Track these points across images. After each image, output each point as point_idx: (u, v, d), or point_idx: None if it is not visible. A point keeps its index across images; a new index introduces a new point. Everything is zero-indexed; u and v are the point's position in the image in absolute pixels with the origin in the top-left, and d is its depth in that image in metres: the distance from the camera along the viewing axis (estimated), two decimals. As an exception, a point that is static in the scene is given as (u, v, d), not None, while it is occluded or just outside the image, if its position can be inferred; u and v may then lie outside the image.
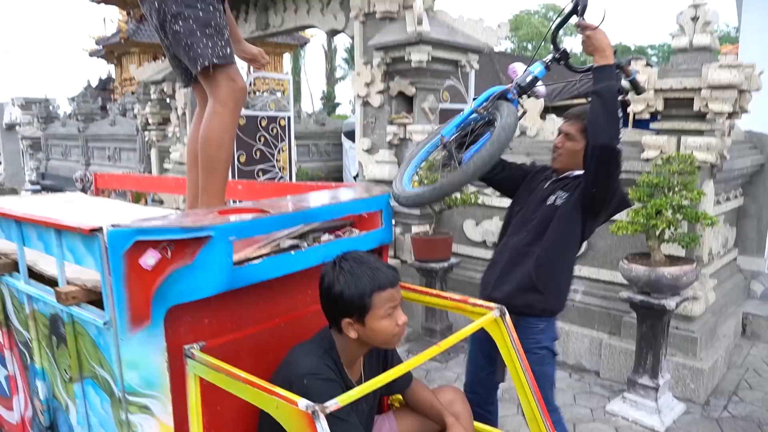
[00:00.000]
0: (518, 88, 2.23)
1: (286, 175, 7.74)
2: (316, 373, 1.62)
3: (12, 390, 2.34)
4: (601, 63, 2.14)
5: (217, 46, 1.97)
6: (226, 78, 2.01)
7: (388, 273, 1.67)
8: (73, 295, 1.62)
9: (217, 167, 2.09)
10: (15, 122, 17.48)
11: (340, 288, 1.62)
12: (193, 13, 1.94)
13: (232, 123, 2.07)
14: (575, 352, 4.38)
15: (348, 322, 1.66)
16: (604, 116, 2.13)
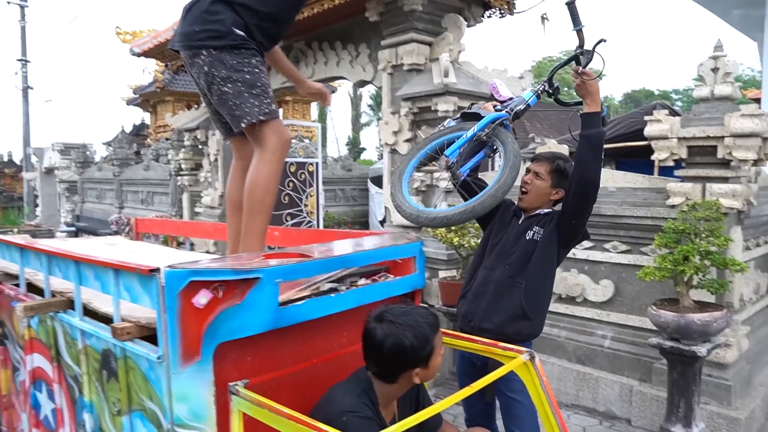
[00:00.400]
0: (513, 115, 2.45)
1: (314, 220, 7.91)
2: (355, 411, 1.69)
3: (58, 423, 2.44)
4: (591, 110, 2.37)
5: (263, 104, 2.12)
6: (273, 130, 2.16)
7: (433, 313, 1.81)
8: (128, 331, 1.73)
9: (262, 211, 2.20)
10: (54, 166, 18.15)
11: (410, 342, 1.71)
12: (241, 77, 2.10)
13: (279, 170, 2.20)
14: (605, 399, 4.33)
15: (416, 372, 1.76)
16: (592, 156, 2.38)
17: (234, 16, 2.10)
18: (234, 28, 2.09)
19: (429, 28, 5.55)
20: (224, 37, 2.09)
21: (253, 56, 2.14)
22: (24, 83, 20.37)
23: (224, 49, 2.09)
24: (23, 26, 20.36)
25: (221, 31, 2.08)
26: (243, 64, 2.11)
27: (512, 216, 2.69)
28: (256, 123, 2.11)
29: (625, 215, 4.26)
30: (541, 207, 2.62)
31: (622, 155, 9.70)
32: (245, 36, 2.11)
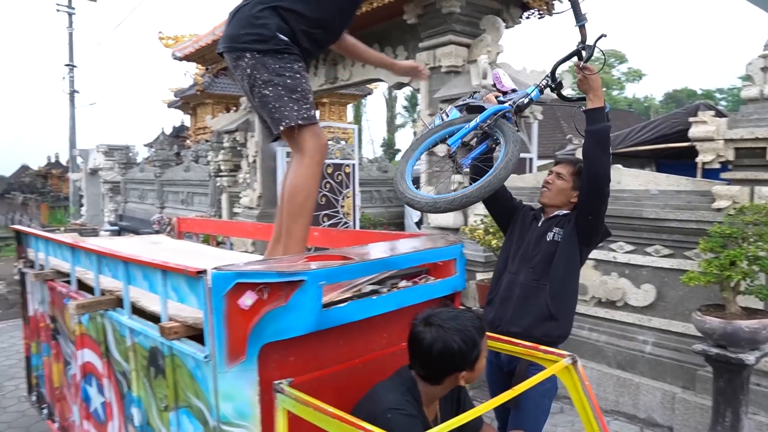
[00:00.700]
0: (516, 108, 2.44)
1: (350, 221, 7.96)
2: (399, 408, 1.70)
3: (108, 416, 2.53)
4: (595, 105, 2.42)
5: (302, 108, 2.14)
6: (312, 134, 2.18)
7: (479, 317, 1.82)
8: (175, 330, 1.79)
9: (303, 215, 2.23)
10: (98, 167, 18.72)
11: (458, 346, 1.72)
12: (282, 81, 2.12)
13: (318, 174, 2.23)
14: (646, 406, 4.24)
15: (463, 375, 1.77)
16: (598, 151, 2.43)
17: (279, 22, 2.13)
18: (278, 33, 2.12)
19: (467, 29, 5.54)
20: (268, 41, 2.11)
21: (295, 62, 2.16)
22: (71, 87, 21.08)
23: (267, 53, 2.12)
24: (71, 33, 21.07)
25: (265, 35, 2.11)
26: (285, 68, 2.13)
27: (532, 220, 2.72)
28: (294, 127, 2.14)
29: (668, 218, 4.17)
30: (560, 208, 2.66)
31: (663, 157, 9.47)
32: (289, 41, 2.13)
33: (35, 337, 3.67)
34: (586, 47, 2.35)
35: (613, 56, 39.83)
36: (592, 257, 4.69)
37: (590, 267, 4.71)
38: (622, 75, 40.26)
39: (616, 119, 22.83)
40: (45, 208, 27.11)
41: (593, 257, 4.70)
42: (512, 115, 2.44)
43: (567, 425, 4.19)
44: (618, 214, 4.43)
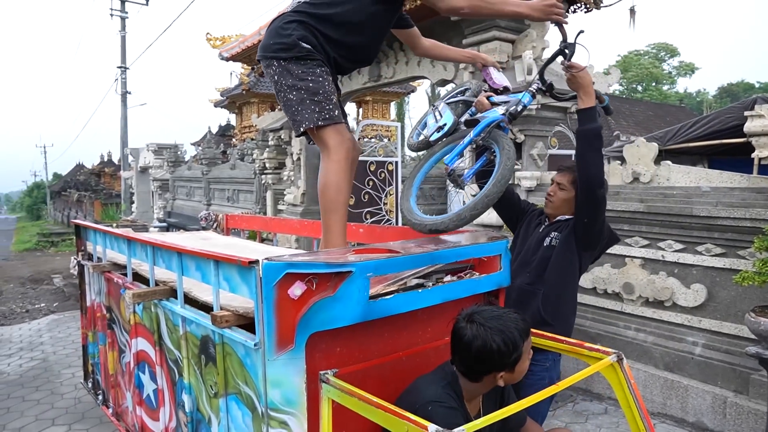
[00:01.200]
0: (510, 116, 2.38)
1: (393, 218, 8.00)
2: (441, 401, 1.72)
3: (159, 402, 2.63)
4: (585, 105, 2.40)
5: (324, 110, 2.23)
6: (335, 132, 2.27)
7: (523, 318, 1.79)
8: (226, 319, 1.85)
9: (338, 209, 2.30)
10: (148, 165, 19.35)
11: (497, 346, 1.71)
12: (305, 85, 2.23)
13: (347, 170, 2.30)
14: (695, 409, 4.13)
15: (500, 375, 1.76)
16: (590, 152, 2.45)
17: (303, 32, 2.25)
18: (300, 41, 2.24)
19: (512, 25, 5.48)
20: (291, 50, 2.23)
21: (318, 66, 2.26)
22: (123, 89, 21.79)
23: (291, 60, 2.24)
24: (123, 36, 21.80)
25: (288, 43, 2.24)
26: (307, 73, 2.24)
27: (536, 225, 2.78)
28: (313, 127, 2.24)
29: (721, 216, 4.04)
30: (564, 214, 2.70)
31: (715, 153, 9.15)
32: (311, 48, 2.24)
33: (92, 326, 3.84)
34: (568, 45, 2.31)
35: (663, 50, 38.68)
36: (638, 255, 4.60)
37: (637, 266, 4.61)
38: (673, 69, 39.03)
39: (667, 115, 22.17)
40: (98, 205, 28.19)
41: (640, 255, 4.60)
42: (506, 125, 2.39)
43: (611, 427, 4.12)
44: (666, 211, 4.32)
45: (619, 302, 4.80)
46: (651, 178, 4.62)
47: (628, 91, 36.66)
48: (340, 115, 2.31)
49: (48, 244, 22.77)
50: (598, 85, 5.48)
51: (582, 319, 4.92)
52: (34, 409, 4.82)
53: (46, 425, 4.50)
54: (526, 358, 1.79)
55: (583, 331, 4.90)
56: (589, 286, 5.03)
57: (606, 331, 4.82)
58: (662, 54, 38.80)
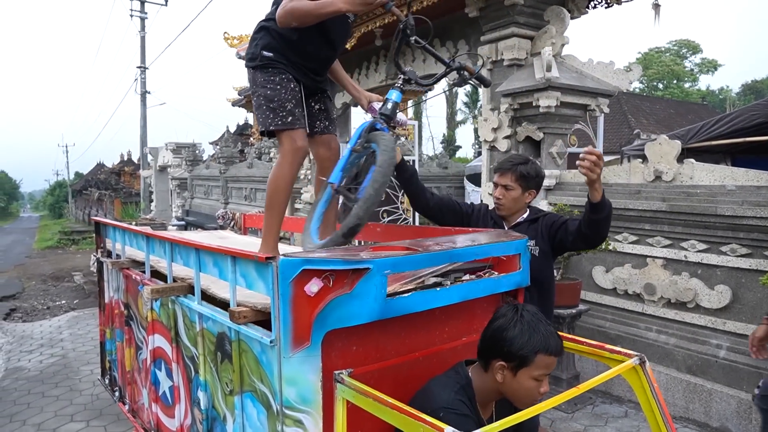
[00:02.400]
0: (384, 117, 2.34)
1: (410, 217, 7.96)
2: (453, 408, 1.68)
3: (175, 399, 2.63)
4: (596, 200, 2.40)
5: (278, 116, 2.38)
6: (287, 138, 2.40)
7: (559, 342, 1.72)
8: (244, 315, 1.84)
9: (272, 207, 2.46)
10: (167, 164, 19.51)
11: (514, 333, 1.68)
12: (263, 92, 2.40)
13: (290, 174, 2.42)
14: (719, 414, 4.04)
15: (501, 365, 1.71)
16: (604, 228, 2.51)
17: (267, 40, 2.41)
18: (262, 50, 2.41)
19: (530, 21, 5.42)
20: (255, 59, 2.43)
21: (278, 74, 2.41)
22: (142, 88, 22.03)
23: (257, 68, 2.43)
24: (143, 36, 22.03)
25: (255, 53, 2.43)
26: (268, 81, 2.40)
27: (493, 224, 2.80)
28: (265, 132, 2.42)
29: (746, 216, 3.94)
30: (518, 212, 2.78)
31: (739, 152, 8.98)
32: (272, 56, 2.40)
33: (110, 323, 3.86)
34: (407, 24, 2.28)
35: (685, 46, 38.12)
36: (660, 256, 4.51)
37: (659, 266, 4.53)
38: (695, 66, 38.43)
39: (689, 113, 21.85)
40: (118, 203, 28.55)
41: (662, 256, 4.51)
42: (383, 124, 2.34)
43: (631, 430, 4.05)
44: (690, 211, 4.23)
45: (640, 303, 4.72)
46: (674, 177, 4.53)
47: (648, 89, 36.19)
48: (296, 120, 2.42)
49: (69, 242, 23.12)
50: (620, 82, 5.40)
51: (602, 320, 4.84)
52: (54, 405, 4.87)
53: (65, 421, 4.55)
54: (532, 377, 1.69)
55: (602, 332, 4.83)
56: (609, 287, 4.94)
57: (626, 332, 4.74)
58: (684, 51, 38.24)
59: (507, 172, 2.73)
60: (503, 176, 2.74)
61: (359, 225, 2.14)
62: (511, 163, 2.76)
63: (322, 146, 2.68)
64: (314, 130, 2.65)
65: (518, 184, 2.70)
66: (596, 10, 6.02)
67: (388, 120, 2.34)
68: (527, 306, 1.76)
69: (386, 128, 2.32)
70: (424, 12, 5.85)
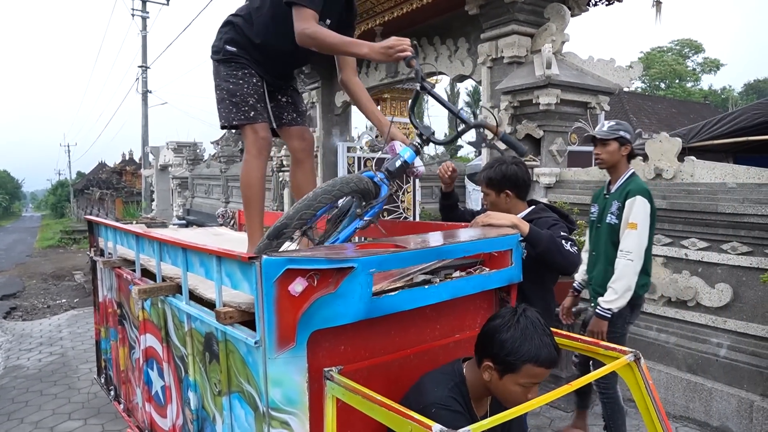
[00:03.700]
0: (387, 172, 2.17)
1: (410, 216, 7.93)
2: (445, 405, 1.66)
3: (167, 399, 2.60)
4: (524, 233, 2.28)
5: (240, 111, 2.38)
6: (249, 132, 2.41)
7: (552, 354, 1.65)
8: (230, 315, 1.80)
9: (249, 204, 2.47)
10: (168, 164, 19.54)
11: (505, 337, 1.64)
12: (226, 86, 2.40)
13: (258, 167, 2.42)
14: (719, 413, 3.99)
15: (489, 365, 1.68)
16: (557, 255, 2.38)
17: (231, 35, 2.41)
18: (226, 45, 2.40)
19: (531, 19, 5.37)
20: (219, 53, 2.44)
21: (241, 69, 2.41)
22: (144, 88, 22.05)
23: (220, 62, 2.44)
24: (144, 36, 22.04)
25: (218, 47, 2.44)
26: (230, 75, 2.40)
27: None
28: (227, 126, 2.43)
29: (747, 213, 3.89)
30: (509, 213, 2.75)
31: (741, 151, 8.92)
32: (235, 51, 2.40)
33: (104, 322, 3.84)
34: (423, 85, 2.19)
35: (687, 46, 37.98)
36: (660, 254, 4.47)
37: (659, 264, 4.48)
38: (698, 66, 38.30)
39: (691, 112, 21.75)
40: (119, 202, 28.59)
41: (662, 254, 4.47)
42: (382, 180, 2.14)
43: (630, 429, 4.00)
44: (690, 209, 4.19)
45: (640, 302, 4.68)
46: (674, 175, 4.48)
47: (650, 88, 36.07)
48: (258, 115, 2.42)
49: (70, 242, 23.16)
50: (621, 80, 5.35)
51: (601, 319, 4.79)
52: (52, 403, 4.86)
53: (63, 419, 4.53)
54: (518, 383, 1.64)
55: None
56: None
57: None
58: (686, 50, 38.09)
59: (480, 183, 2.81)
60: (479, 183, 2.82)
61: (287, 226, 1.95)
62: (482, 169, 2.83)
63: (295, 138, 2.66)
64: (282, 122, 2.65)
65: (489, 189, 2.76)
66: (597, 7, 5.98)
67: (390, 176, 2.17)
68: (529, 311, 1.70)
69: (385, 184, 2.14)
70: (424, 10, 5.81)
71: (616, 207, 3.24)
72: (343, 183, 2.02)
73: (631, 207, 3.15)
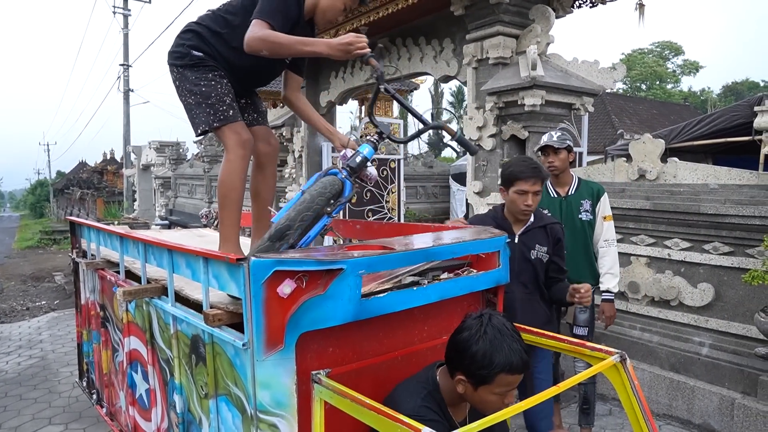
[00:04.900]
0: (348, 168, 2.19)
1: (395, 216, 7.93)
2: (418, 416, 1.64)
3: (151, 402, 2.57)
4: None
5: (218, 111, 2.31)
6: (231, 132, 2.33)
7: (523, 359, 1.64)
8: (218, 317, 1.78)
9: (229, 205, 2.40)
10: (150, 163, 19.32)
11: (475, 350, 1.62)
12: (198, 90, 2.32)
13: (240, 168, 2.36)
14: (702, 411, 4.05)
15: (461, 379, 1.67)
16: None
17: (195, 42, 2.35)
18: (192, 50, 2.34)
19: (516, 20, 5.40)
20: (184, 58, 2.35)
21: (210, 71, 2.35)
22: (125, 86, 21.78)
23: (186, 66, 2.36)
24: (126, 33, 21.77)
25: (182, 52, 2.36)
26: (200, 78, 2.33)
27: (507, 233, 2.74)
28: (208, 130, 2.34)
29: (729, 214, 3.95)
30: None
31: (720, 152, 9.07)
32: (202, 56, 2.34)
33: (86, 324, 3.78)
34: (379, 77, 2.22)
35: (668, 48, 38.49)
36: (644, 254, 4.51)
37: (643, 264, 4.53)
38: (678, 67, 38.83)
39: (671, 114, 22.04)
40: (101, 203, 28.21)
41: (645, 254, 4.52)
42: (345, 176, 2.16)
43: (615, 428, 4.04)
44: (673, 209, 4.24)
45: (624, 301, 4.72)
46: (657, 175, 4.54)
47: (632, 89, 36.50)
48: (236, 114, 2.37)
49: (50, 242, 22.79)
50: (604, 81, 5.40)
51: (586, 319, 4.83)
52: (31, 408, 4.77)
53: (43, 424, 4.45)
54: (493, 392, 1.63)
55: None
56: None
57: (610, 330, 4.73)
58: (666, 52, 38.62)
59: (540, 179, 2.78)
60: (535, 184, 2.77)
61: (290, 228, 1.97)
62: (535, 168, 2.81)
63: (260, 140, 2.60)
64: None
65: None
66: (581, 9, 6.04)
67: (352, 172, 2.19)
68: (495, 318, 1.69)
69: (348, 180, 2.16)
70: (410, 10, 5.82)
71: (588, 205, 3.54)
72: (331, 185, 2.08)
73: (604, 203, 3.52)
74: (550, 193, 3.63)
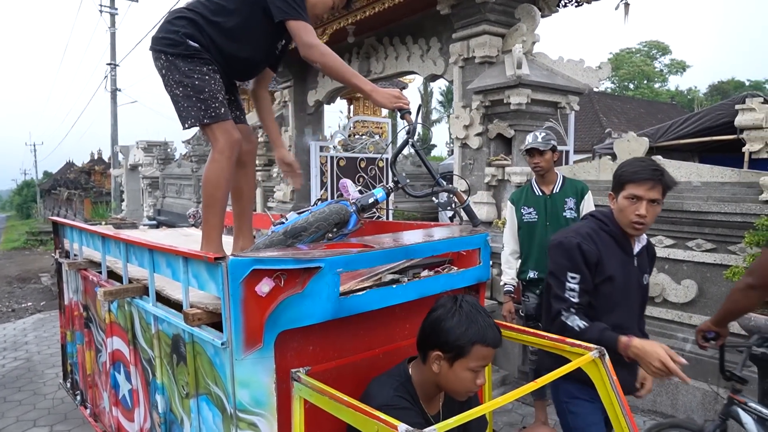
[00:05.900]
0: (360, 207, 2.33)
1: (383, 215, 7.93)
2: (391, 405, 1.64)
3: (134, 403, 2.56)
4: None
5: (210, 108, 2.26)
6: (222, 131, 2.30)
7: (497, 334, 1.69)
8: (198, 317, 1.78)
9: (214, 204, 2.37)
10: (138, 163, 19.19)
11: (451, 324, 1.65)
12: (191, 83, 2.25)
13: (227, 168, 2.33)
14: (685, 406, 4.09)
15: (438, 355, 1.68)
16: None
17: (191, 30, 2.27)
18: (188, 39, 2.26)
19: (502, 19, 5.42)
20: (178, 46, 2.26)
21: (205, 65, 2.28)
22: (113, 86, 21.62)
23: (178, 56, 2.26)
24: (113, 33, 21.61)
25: (176, 40, 2.26)
26: (194, 71, 2.26)
27: (621, 253, 2.24)
28: (198, 125, 2.30)
29: (711, 211, 3.99)
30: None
31: (706, 150, 9.14)
32: (198, 47, 2.27)
33: (70, 325, 3.76)
34: (412, 131, 2.32)
35: (655, 47, 38.79)
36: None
37: (627, 262, 4.56)
38: (665, 67, 39.14)
39: (658, 112, 22.20)
40: (88, 203, 28.00)
41: (630, 252, 4.55)
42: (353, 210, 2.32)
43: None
44: (657, 207, 4.27)
45: (608, 299, 4.76)
46: (641, 174, 4.56)
47: (619, 88, 36.74)
48: (227, 112, 2.35)
49: (37, 243, 22.61)
50: (590, 80, 5.43)
51: (572, 316, 4.87)
52: (16, 410, 4.73)
53: (28, 426, 4.42)
54: (468, 368, 1.65)
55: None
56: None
57: (596, 328, 4.77)
58: (654, 52, 38.92)
59: (659, 183, 2.08)
60: (654, 189, 2.07)
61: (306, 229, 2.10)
62: (661, 172, 2.10)
63: (243, 139, 2.56)
64: None
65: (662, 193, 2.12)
66: (567, 8, 6.06)
67: (361, 210, 2.32)
68: (467, 297, 1.74)
69: (354, 215, 2.28)
70: (396, 9, 5.81)
71: (573, 203, 3.61)
72: (342, 209, 2.25)
73: (588, 200, 3.62)
74: (535, 192, 3.71)
